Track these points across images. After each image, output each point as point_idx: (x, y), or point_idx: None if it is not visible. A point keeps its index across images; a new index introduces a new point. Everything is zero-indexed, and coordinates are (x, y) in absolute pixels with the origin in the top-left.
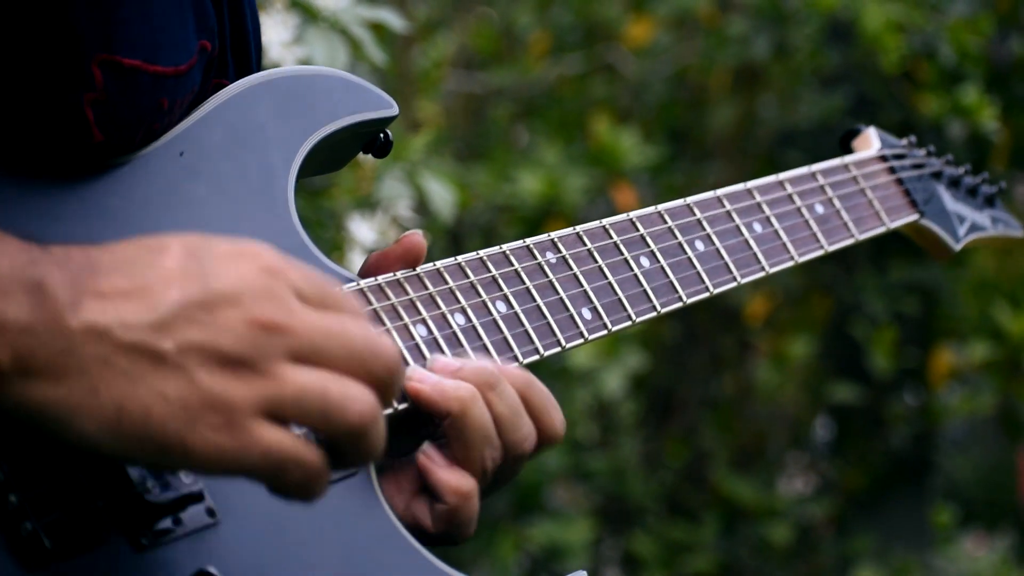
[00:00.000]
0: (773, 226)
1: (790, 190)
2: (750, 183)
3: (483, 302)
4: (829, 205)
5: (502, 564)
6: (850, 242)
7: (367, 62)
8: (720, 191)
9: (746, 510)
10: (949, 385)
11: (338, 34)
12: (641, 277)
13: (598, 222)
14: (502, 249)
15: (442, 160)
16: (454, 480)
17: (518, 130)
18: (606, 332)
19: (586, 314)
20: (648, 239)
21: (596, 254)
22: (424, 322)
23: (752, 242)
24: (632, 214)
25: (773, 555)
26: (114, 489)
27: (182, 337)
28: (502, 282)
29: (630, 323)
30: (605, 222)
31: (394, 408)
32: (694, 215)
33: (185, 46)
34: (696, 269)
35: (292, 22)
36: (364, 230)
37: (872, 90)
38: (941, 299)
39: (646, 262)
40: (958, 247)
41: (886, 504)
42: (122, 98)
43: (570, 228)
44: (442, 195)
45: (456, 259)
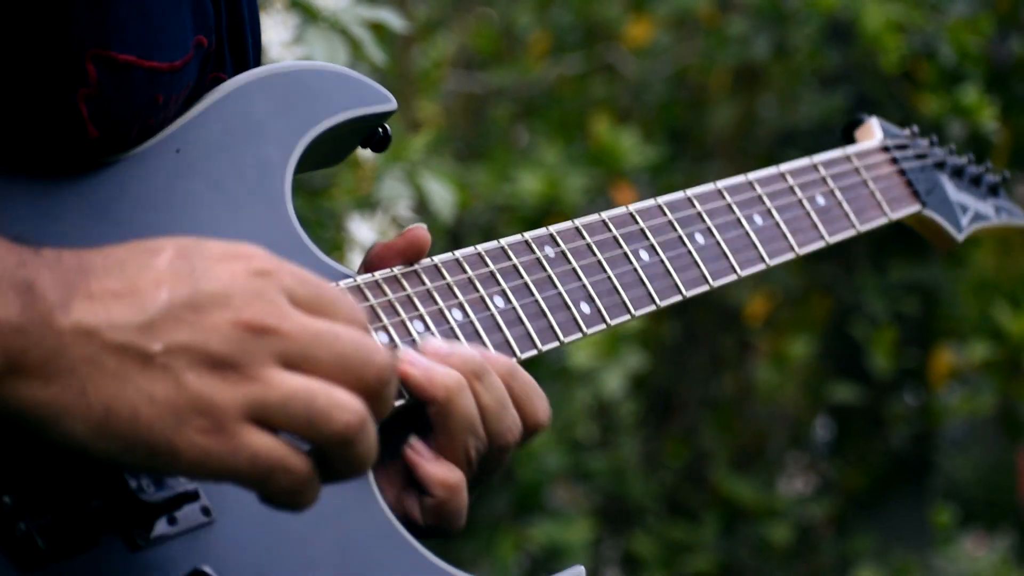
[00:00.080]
0: (774, 218)
1: (791, 182)
2: (751, 174)
3: (481, 297)
4: (831, 196)
5: (502, 564)
6: (852, 233)
7: (367, 62)
8: (721, 183)
9: (746, 510)
10: (949, 385)
11: (338, 34)
12: (640, 271)
13: (597, 215)
14: (500, 244)
15: (442, 160)
16: (441, 473)
17: (518, 130)
18: (604, 327)
19: (584, 308)
20: (648, 232)
21: (595, 248)
22: (421, 318)
23: (752, 234)
24: (632, 207)
25: (773, 555)
26: (108, 488)
27: (170, 338)
28: (500, 277)
29: (629, 317)
30: (604, 215)
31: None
32: (694, 207)
33: (181, 42)
34: (696, 262)
35: (292, 22)
36: (364, 230)
37: (872, 90)
38: (941, 299)
39: (645, 256)
40: (961, 237)
41: (886, 504)
42: (116, 93)
43: (569, 222)
44: (442, 195)
45: (453, 254)
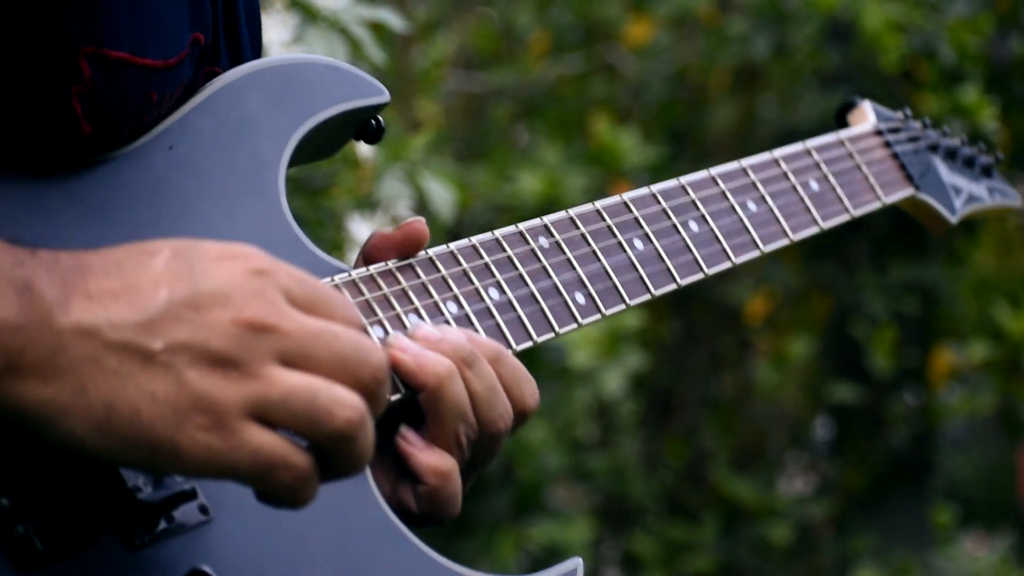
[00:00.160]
0: (768, 204)
1: (785, 167)
2: (745, 160)
3: (476, 289)
4: (824, 181)
5: (502, 564)
6: (845, 218)
7: (367, 62)
8: (714, 169)
9: (746, 510)
10: (949, 385)
11: (338, 34)
12: (635, 260)
13: (591, 204)
14: (494, 235)
15: (442, 160)
16: (433, 461)
17: (518, 130)
18: (600, 316)
19: (580, 299)
20: (642, 221)
21: (589, 238)
22: (416, 311)
23: (746, 220)
24: (625, 195)
25: (773, 555)
26: (106, 488)
27: (171, 336)
28: (494, 268)
29: (624, 307)
30: (598, 204)
31: (387, 400)
32: (688, 195)
33: (177, 39)
34: (690, 250)
35: (292, 22)
36: (364, 230)
37: (872, 90)
38: (941, 299)
39: (640, 245)
40: (955, 219)
41: (886, 504)
42: (110, 91)
43: (563, 212)
44: (442, 195)
45: (448, 246)
